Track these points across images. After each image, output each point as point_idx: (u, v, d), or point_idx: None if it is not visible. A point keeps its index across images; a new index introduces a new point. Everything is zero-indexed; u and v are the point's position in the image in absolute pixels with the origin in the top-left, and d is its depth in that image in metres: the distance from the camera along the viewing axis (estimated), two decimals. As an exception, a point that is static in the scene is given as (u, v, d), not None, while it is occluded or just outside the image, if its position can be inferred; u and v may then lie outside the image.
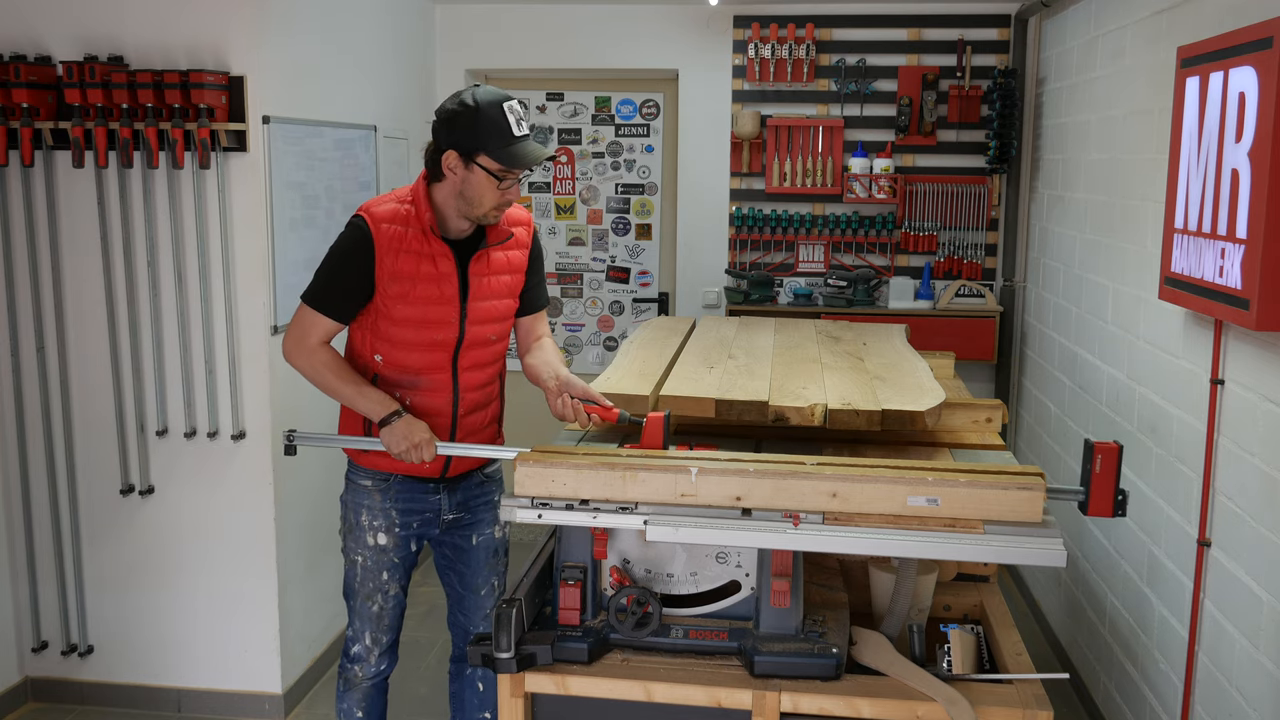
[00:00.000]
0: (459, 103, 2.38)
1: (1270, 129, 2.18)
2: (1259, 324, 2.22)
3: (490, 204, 2.41)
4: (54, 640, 3.57)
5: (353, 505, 2.64)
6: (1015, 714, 1.95)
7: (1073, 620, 3.79)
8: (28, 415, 3.46)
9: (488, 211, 2.43)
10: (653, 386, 2.31)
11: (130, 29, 3.25)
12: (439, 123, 2.41)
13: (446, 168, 2.40)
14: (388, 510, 2.62)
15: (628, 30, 4.85)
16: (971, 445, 2.41)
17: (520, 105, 2.41)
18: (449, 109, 2.40)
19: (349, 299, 2.47)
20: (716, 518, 1.96)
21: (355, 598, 2.68)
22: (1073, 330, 3.87)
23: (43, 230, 3.38)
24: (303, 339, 2.47)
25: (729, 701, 1.99)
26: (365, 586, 2.65)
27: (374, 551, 2.63)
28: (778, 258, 4.88)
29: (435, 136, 2.43)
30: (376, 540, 2.63)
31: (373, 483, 2.61)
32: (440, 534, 2.72)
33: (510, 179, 2.40)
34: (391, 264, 2.42)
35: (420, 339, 2.48)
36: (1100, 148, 3.60)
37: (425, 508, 2.65)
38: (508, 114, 2.37)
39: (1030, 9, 4.39)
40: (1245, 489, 2.44)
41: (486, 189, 2.39)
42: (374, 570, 2.64)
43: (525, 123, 2.42)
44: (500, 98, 2.38)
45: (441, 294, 2.47)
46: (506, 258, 2.58)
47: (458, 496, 2.69)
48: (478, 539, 2.74)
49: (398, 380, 2.52)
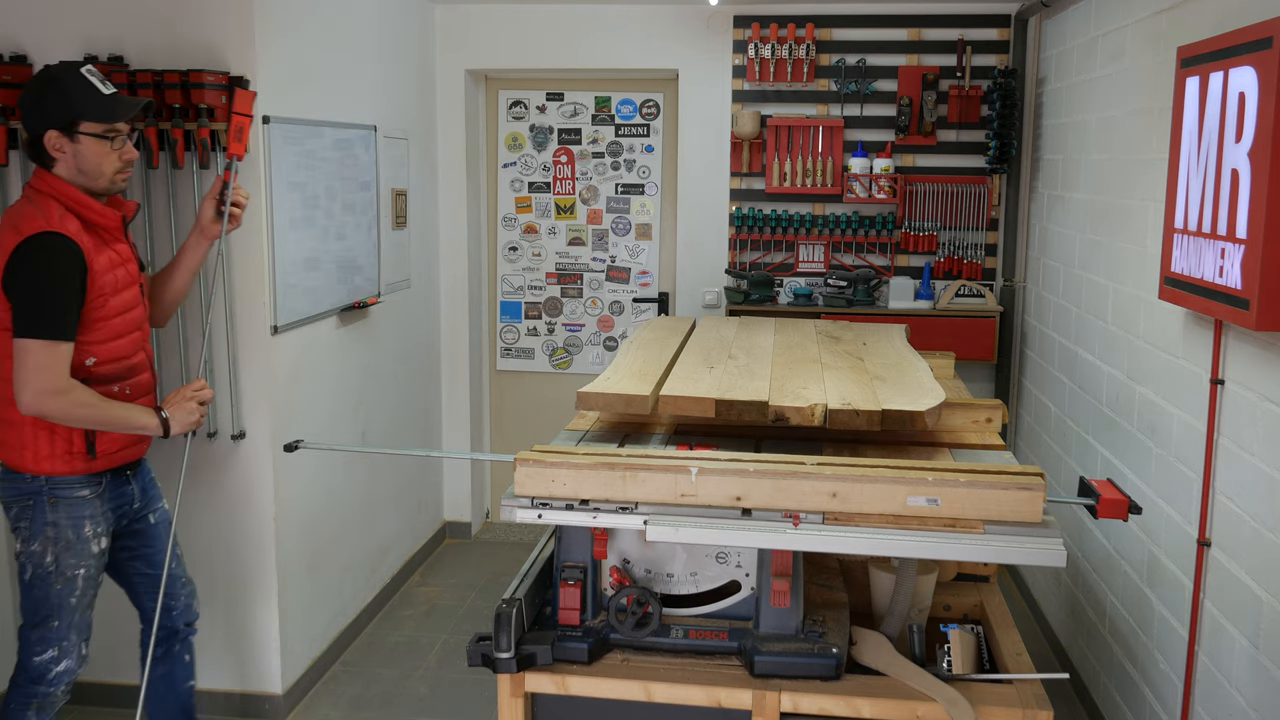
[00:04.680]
0: (36, 83, 2.43)
1: (1270, 129, 2.18)
2: (1259, 324, 2.22)
3: (111, 169, 2.48)
4: None
5: (69, 522, 2.54)
6: (1015, 714, 1.95)
7: (1073, 620, 3.79)
8: (28, 415, 3.46)
9: (112, 178, 2.49)
10: (653, 387, 2.31)
11: (130, 29, 3.25)
12: (26, 112, 2.43)
13: (53, 149, 2.42)
14: (105, 513, 2.63)
15: (628, 30, 4.85)
16: (971, 445, 2.41)
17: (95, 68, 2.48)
18: (30, 92, 2.42)
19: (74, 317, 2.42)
20: (716, 518, 1.96)
21: (72, 615, 2.59)
22: (1073, 330, 3.87)
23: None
24: (56, 379, 2.34)
25: (729, 701, 1.99)
26: (85, 598, 2.61)
27: (97, 559, 2.62)
28: (778, 258, 4.88)
29: (27, 127, 2.44)
30: (100, 546, 2.62)
31: (91, 490, 2.58)
32: (128, 525, 2.75)
33: (119, 137, 2.46)
34: (98, 267, 2.46)
35: (128, 324, 2.57)
36: (1100, 148, 3.60)
37: (124, 500, 2.71)
38: (89, 76, 2.44)
39: (1030, 9, 4.39)
40: (1245, 489, 2.44)
41: (102, 154, 2.45)
42: (94, 578, 2.63)
43: (109, 82, 2.48)
44: (75, 64, 2.46)
45: (130, 274, 2.58)
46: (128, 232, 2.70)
47: (140, 482, 2.76)
48: (155, 517, 2.83)
49: (112, 374, 2.54)
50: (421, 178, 4.79)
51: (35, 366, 2.32)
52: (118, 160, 2.48)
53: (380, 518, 4.37)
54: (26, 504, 2.53)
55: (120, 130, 2.46)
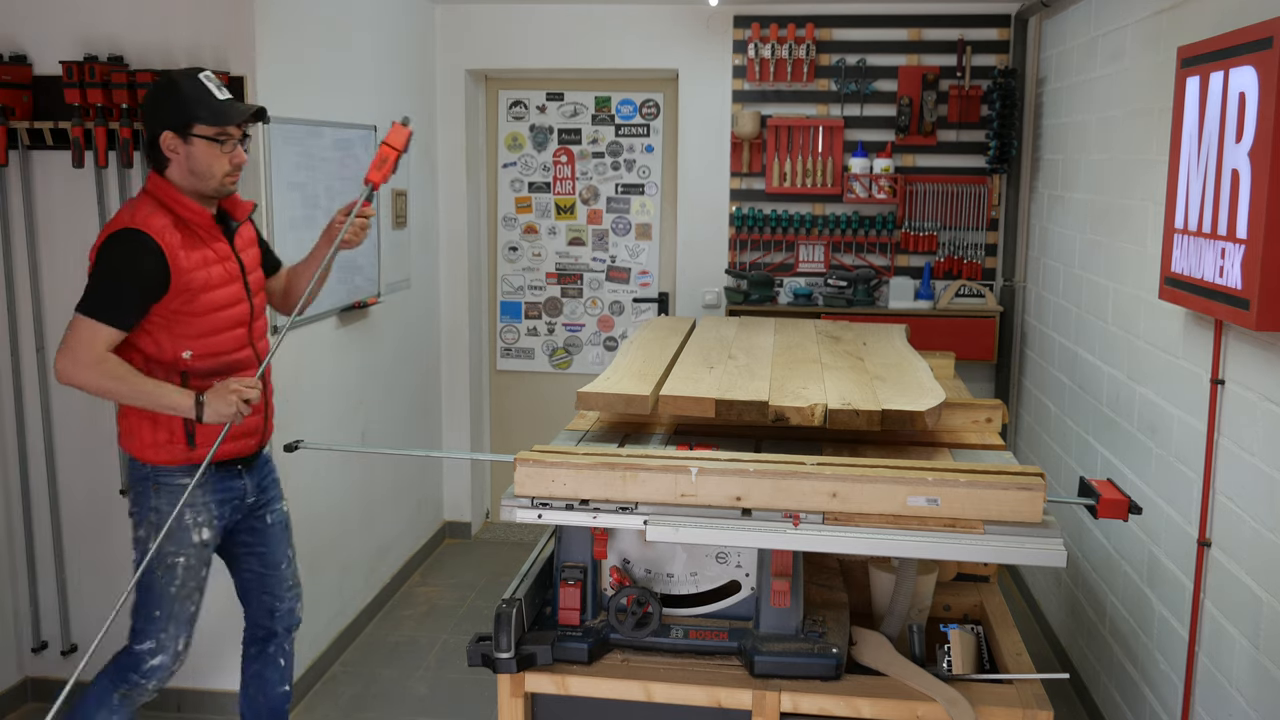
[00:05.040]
0: (155, 87, 2.55)
1: (1270, 129, 2.18)
2: (1259, 324, 2.22)
3: (221, 170, 2.55)
4: (54, 640, 3.57)
5: (171, 509, 2.56)
6: (1015, 714, 1.95)
7: (1073, 620, 3.79)
8: (28, 415, 3.46)
9: (222, 180, 2.56)
10: (653, 387, 2.31)
11: (130, 29, 3.25)
12: (146, 115, 2.55)
13: (167, 150, 2.52)
14: (208, 504, 2.65)
15: (628, 30, 4.85)
16: (971, 445, 2.41)
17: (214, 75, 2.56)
18: (149, 96, 2.55)
19: (136, 309, 2.47)
20: (716, 518, 1.96)
21: (169, 604, 2.61)
22: (1073, 330, 3.87)
23: (44, 230, 3.38)
24: (89, 354, 2.42)
25: (729, 701, 1.99)
26: (185, 588, 2.63)
27: (198, 549, 2.65)
28: (778, 258, 4.88)
29: (146, 128, 2.54)
30: (201, 536, 2.65)
31: (190, 479, 2.60)
32: (241, 520, 2.79)
33: (230, 141, 2.54)
34: (185, 264, 2.51)
35: (224, 320, 2.60)
36: (1100, 148, 3.60)
37: (234, 495, 2.72)
38: (205, 82, 2.53)
39: (1030, 9, 4.39)
40: (1245, 489, 2.44)
41: (212, 156, 2.52)
42: (195, 569, 2.65)
43: (225, 89, 2.56)
44: (193, 70, 2.55)
45: (228, 273, 2.62)
46: (249, 231, 2.77)
47: (256, 478, 2.78)
48: (272, 517, 2.85)
49: (211, 369, 2.59)
50: (421, 178, 4.79)
51: (76, 339, 2.43)
52: (228, 163, 2.55)
53: (380, 518, 4.37)
54: (138, 490, 2.63)
55: (231, 134, 2.53)
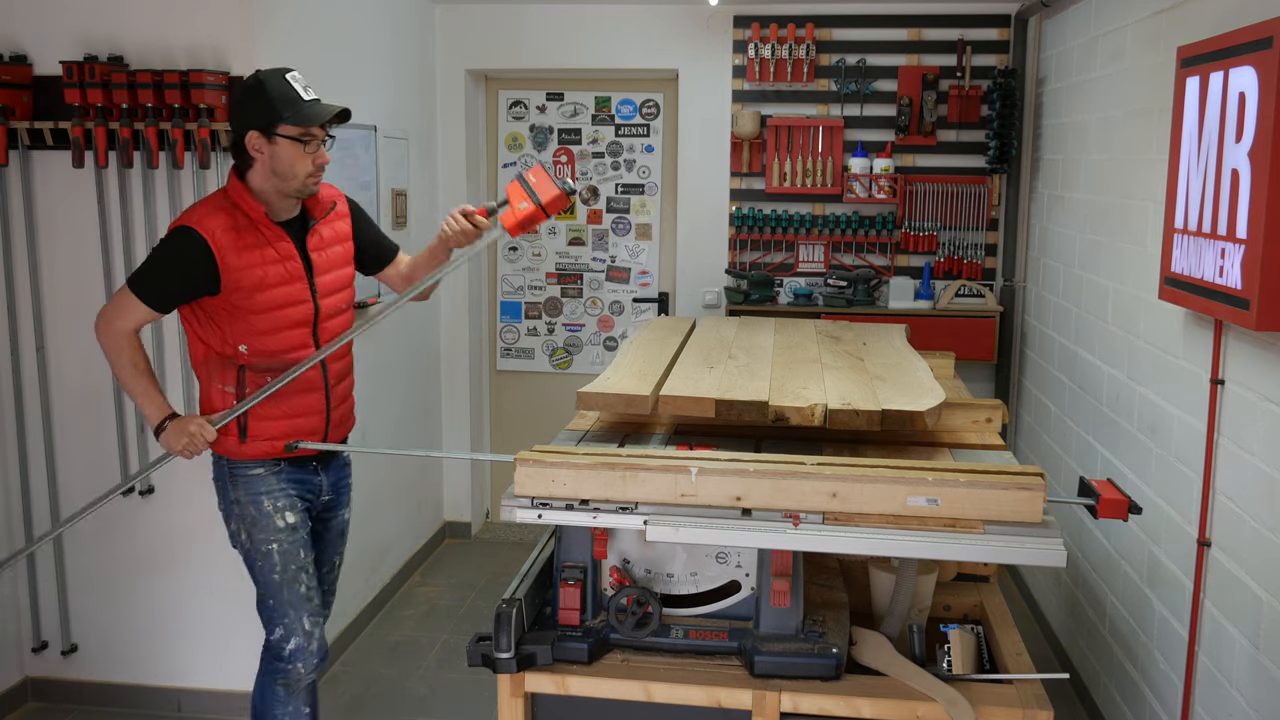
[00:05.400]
0: (244, 88, 2.54)
1: (1270, 129, 2.18)
2: (1259, 324, 2.22)
3: (304, 171, 2.55)
4: (54, 640, 3.57)
5: (249, 498, 2.65)
6: (1015, 714, 1.95)
7: (1073, 620, 3.79)
8: (28, 415, 3.46)
9: (304, 181, 2.57)
10: (653, 387, 2.31)
11: (130, 29, 3.25)
12: (232, 113, 2.57)
13: (252, 149, 2.53)
14: (286, 490, 2.68)
15: (628, 30, 4.85)
16: (971, 445, 2.41)
17: (301, 75, 2.56)
18: (237, 96, 2.56)
19: (174, 297, 2.56)
20: (716, 518, 1.96)
21: (281, 591, 2.67)
22: (1073, 330, 3.87)
23: (44, 230, 3.39)
24: (117, 319, 2.54)
25: (729, 701, 1.99)
26: (289, 571, 2.67)
27: (287, 532, 2.67)
28: (778, 258, 4.88)
29: (232, 126, 2.56)
30: (286, 520, 2.67)
31: (264, 469, 2.66)
32: (316, 514, 2.81)
33: (314, 141, 2.54)
34: (236, 262, 2.52)
35: (281, 321, 2.60)
36: (1100, 148, 3.60)
37: (310, 488, 2.75)
38: (292, 83, 2.52)
39: (1030, 9, 4.39)
40: (1245, 489, 2.44)
41: (295, 157, 2.53)
42: (292, 551, 2.68)
43: (311, 89, 2.56)
44: (281, 70, 2.54)
45: (289, 273, 2.60)
46: (334, 230, 2.74)
47: (331, 478, 2.81)
48: (334, 521, 2.88)
49: (268, 366, 2.60)
50: (421, 178, 4.79)
51: (116, 304, 2.56)
52: (310, 164, 2.55)
53: (380, 518, 4.37)
54: (219, 485, 2.70)
55: (315, 135, 2.54)
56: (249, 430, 2.62)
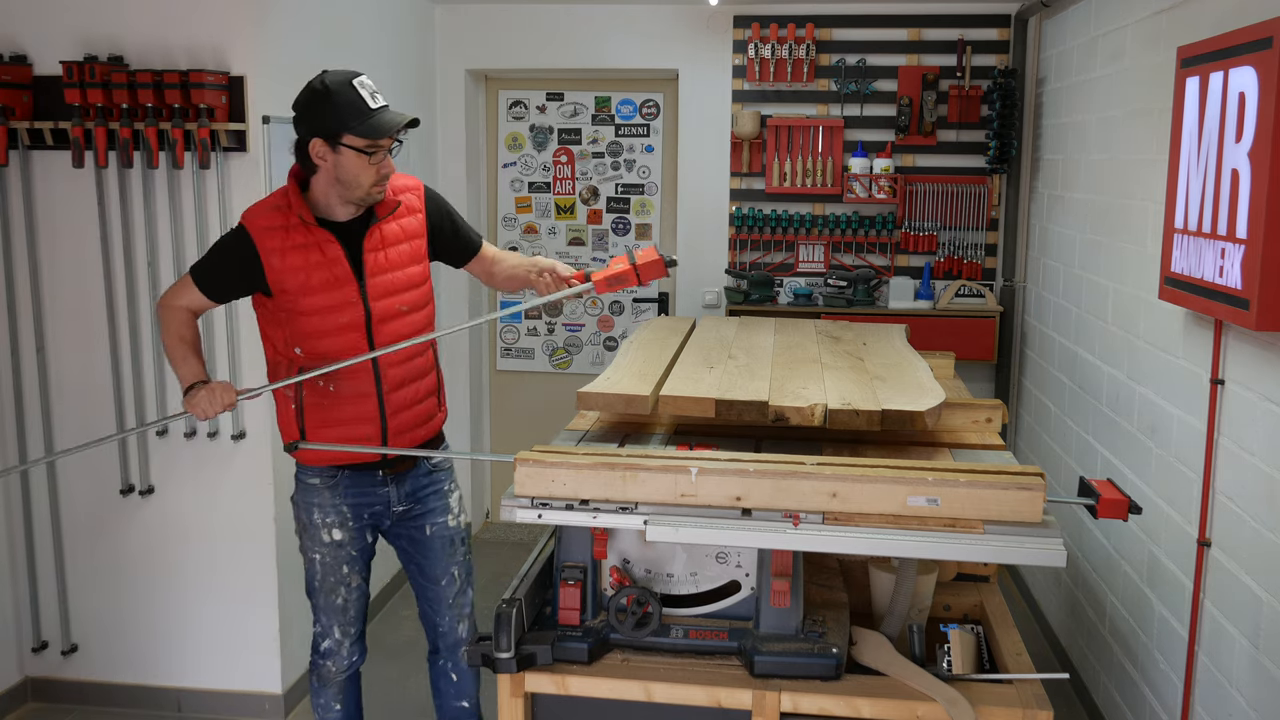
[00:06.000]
0: (310, 91, 2.44)
1: (1270, 129, 2.18)
2: (1259, 324, 2.22)
3: (368, 181, 2.48)
4: (54, 640, 3.57)
5: (304, 505, 2.68)
6: (1015, 714, 1.95)
7: (1073, 620, 3.79)
8: (28, 415, 3.46)
9: (368, 190, 2.50)
10: (653, 387, 2.31)
11: (130, 29, 3.25)
12: (297, 117, 2.47)
13: (316, 157, 2.46)
14: (338, 506, 2.66)
15: (628, 30, 4.85)
16: (971, 445, 2.41)
17: (369, 80, 2.48)
18: (302, 100, 2.46)
19: (224, 289, 2.58)
20: (716, 518, 1.96)
21: (318, 594, 2.72)
22: (1073, 330, 3.87)
23: (44, 230, 3.39)
24: (173, 296, 2.57)
25: (729, 701, 1.99)
26: (327, 582, 2.69)
27: (330, 548, 2.68)
28: (778, 258, 4.88)
29: (297, 131, 2.48)
30: (331, 536, 2.67)
31: (320, 480, 2.65)
32: (392, 526, 2.77)
33: (379, 152, 2.46)
34: (280, 263, 2.49)
35: (329, 324, 2.54)
36: (1100, 148, 3.60)
37: (375, 500, 2.70)
38: (360, 89, 2.43)
39: (1030, 9, 4.39)
40: (1245, 489, 2.44)
41: (359, 167, 2.45)
42: (333, 565, 2.69)
43: (379, 95, 2.48)
44: (349, 76, 2.44)
45: (335, 277, 2.53)
46: (400, 227, 2.65)
47: (406, 487, 2.73)
48: (431, 529, 2.78)
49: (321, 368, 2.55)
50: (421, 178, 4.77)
51: (176, 284, 2.59)
52: (375, 174, 2.48)
53: (380, 518, 4.37)
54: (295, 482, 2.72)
55: (381, 145, 2.45)
56: (308, 434, 2.60)
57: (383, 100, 2.48)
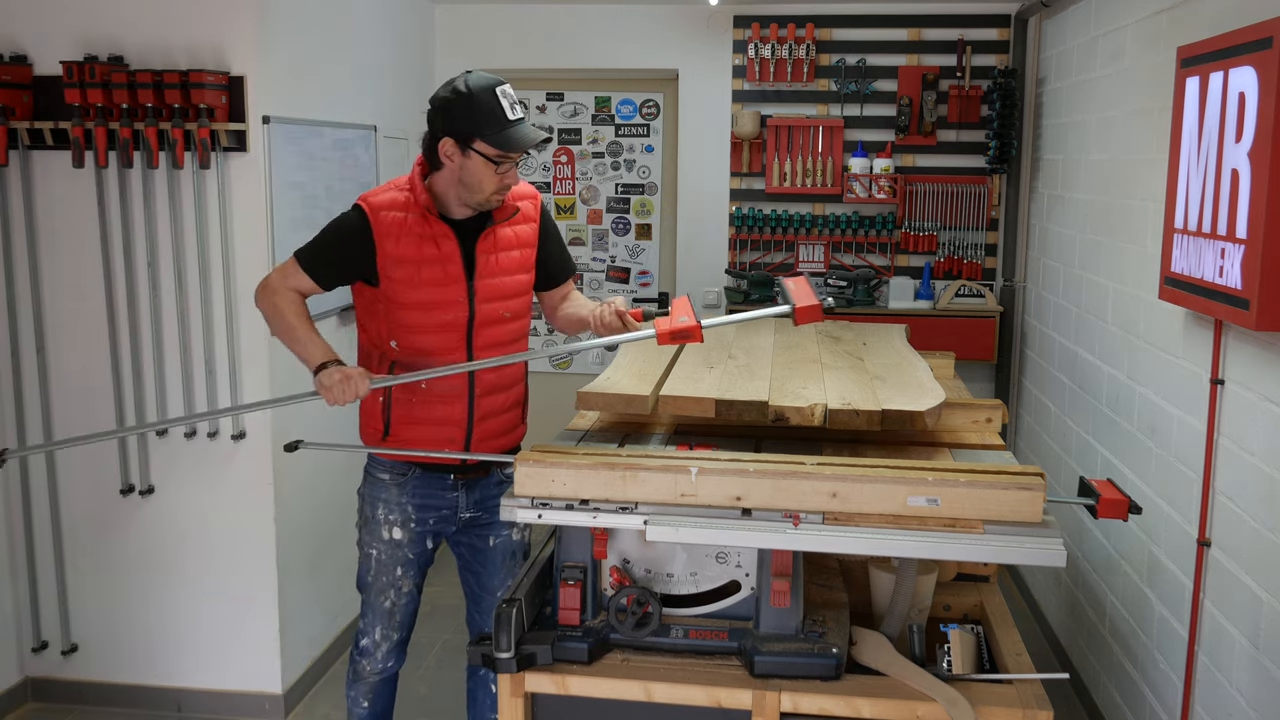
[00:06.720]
0: (452, 90, 2.41)
1: (1270, 129, 2.18)
2: (1259, 324, 2.22)
3: (490, 189, 2.45)
4: (54, 640, 3.57)
5: (369, 499, 2.65)
6: (1015, 714, 1.95)
7: (1073, 620, 3.79)
8: (28, 415, 3.46)
9: (489, 196, 2.46)
10: (653, 386, 2.31)
11: (130, 29, 3.25)
12: (434, 111, 2.44)
13: (444, 155, 2.44)
14: (404, 505, 2.63)
15: (628, 30, 4.85)
16: (971, 445, 2.41)
17: (512, 90, 2.45)
18: (443, 96, 2.43)
19: (333, 273, 2.52)
20: (716, 518, 1.96)
21: (368, 591, 2.69)
22: (1073, 330, 3.87)
23: (44, 230, 3.39)
24: (280, 279, 2.50)
25: (729, 701, 1.99)
26: (379, 581, 2.66)
27: (388, 546, 2.65)
28: (778, 258, 4.88)
29: (431, 125, 2.46)
30: (391, 534, 2.64)
31: (390, 476, 2.62)
32: (457, 532, 2.73)
33: (507, 163, 2.43)
34: (393, 250, 2.45)
35: (430, 321, 2.50)
36: (1100, 148, 3.60)
37: (442, 504, 2.65)
38: (500, 98, 2.40)
39: (1030, 9, 4.39)
40: (1245, 489, 2.44)
41: (485, 174, 2.42)
42: (388, 565, 2.65)
43: (519, 106, 2.45)
44: (493, 82, 2.41)
45: (446, 274, 2.49)
46: (514, 233, 2.60)
47: (475, 495, 2.68)
48: (495, 540, 2.73)
49: (414, 364, 2.51)
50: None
51: (277, 268, 2.53)
52: (498, 182, 2.45)
53: (380, 518, 4.37)
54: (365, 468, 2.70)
55: (510, 158, 2.42)
56: (392, 430, 2.57)
57: (521, 112, 2.44)
